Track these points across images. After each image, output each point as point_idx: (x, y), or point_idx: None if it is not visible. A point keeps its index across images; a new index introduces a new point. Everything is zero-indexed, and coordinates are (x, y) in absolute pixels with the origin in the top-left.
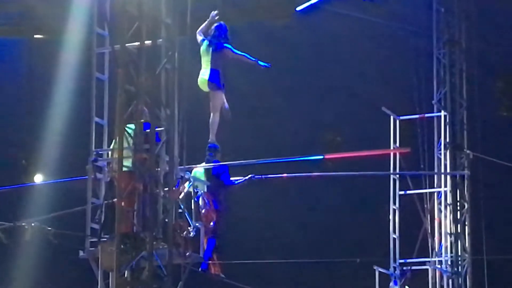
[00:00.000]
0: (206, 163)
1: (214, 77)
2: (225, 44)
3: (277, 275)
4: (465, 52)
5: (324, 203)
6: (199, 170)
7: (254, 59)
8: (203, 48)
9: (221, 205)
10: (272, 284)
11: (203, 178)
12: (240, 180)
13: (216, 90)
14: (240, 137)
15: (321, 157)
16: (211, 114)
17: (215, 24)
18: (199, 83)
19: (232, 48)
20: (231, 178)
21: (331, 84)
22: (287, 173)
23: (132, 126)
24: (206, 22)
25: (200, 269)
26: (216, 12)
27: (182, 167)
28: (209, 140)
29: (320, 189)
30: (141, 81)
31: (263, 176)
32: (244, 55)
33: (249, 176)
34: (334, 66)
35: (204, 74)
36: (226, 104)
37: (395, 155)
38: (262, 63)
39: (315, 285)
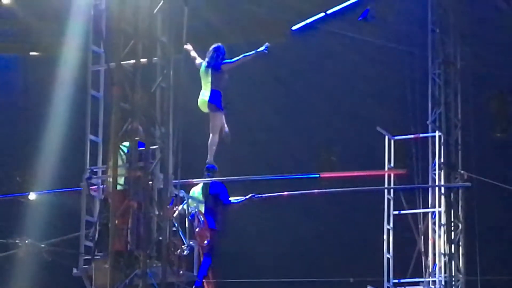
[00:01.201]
0: (203, 184)
1: (214, 98)
2: (223, 62)
3: None
4: (460, 72)
5: (318, 222)
6: (197, 190)
7: (252, 52)
8: (202, 70)
9: (219, 225)
10: None
11: (201, 198)
12: (240, 200)
13: (215, 111)
14: (236, 154)
15: (317, 176)
16: (210, 135)
17: (213, 46)
18: (199, 103)
19: (229, 60)
20: (232, 198)
21: (327, 103)
22: (284, 191)
23: (127, 144)
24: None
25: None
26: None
27: (176, 181)
28: (207, 161)
29: (314, 208)
30: (136, 99)
31: (263, 195)
32: (241, 57)
33: (250, 195)
34: (330, 85)
35: (205, 95)
36: (226, 127)
37: (389, 174)
38: (261, 49)
39: None
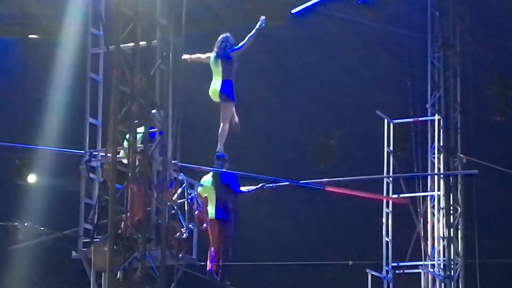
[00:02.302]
0: (214, 173)
1: (226, 89)
2: (231, 50)
3: (270, 277)
4: (459, 55)
5: (318, 206)
6: (207, 179)
7: (253, 32)
8: (211, 61)
9: (230, 214)
10: (263, 286)
11: (211, 187)
12: (251, 189)
13: (227, 101)
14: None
15: (322, 187)
16: (221, 124)
17: (221, 36)
18: (210, 93)
19: (236, 47)
20: (243, 188)
21: (326, 86)
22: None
23: (141, 129)
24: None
25: (207, 272)
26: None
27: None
28: (217, 150)
29: (313, 193)
30: (136, 82)
31: (274, 185)
32: (246, 40)
33: (261, 185)
34: (329, 68)
35: (216, 85)
36: (236, 117)
37: (388, 155)
38: (259, 24)
39: (306, 287)
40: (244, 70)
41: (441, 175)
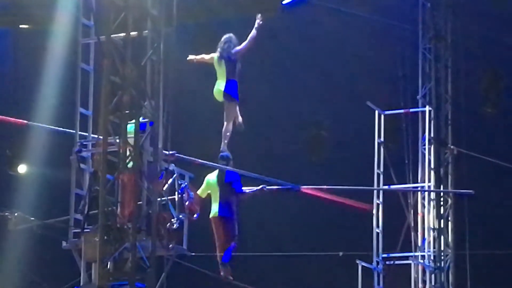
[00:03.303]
0: (219, 171)
1: (230, 88)
2: (234, 51)
3: (259, 267)
4: (451, 47)
5: (307, 197)
6: (212, 178)
7: (253, 31)
8: (215, 61)
9: (233, 212)
10: (253, 277)
11: (216, 185)
12: (253, 190)
13: (231, 101)
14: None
15: (298, 188)
16: (225, 123)
17: (224, 37)
18: (214, 93)
19: (238, 48)
20: (245, 188)
21: (317, 78)
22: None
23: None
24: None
25: (221, 262)
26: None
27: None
28: (221, 149)
29: (305, 183)
30: (127, 72)
31: (273, 188)
32: (248, 40)
33: (261, 186)
34: (320, 60)
35: (220, 85)
36: (240, 117)
37: (379, 146)
38: (257, 22)
39: (297, 278)
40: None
41: (431, 163)
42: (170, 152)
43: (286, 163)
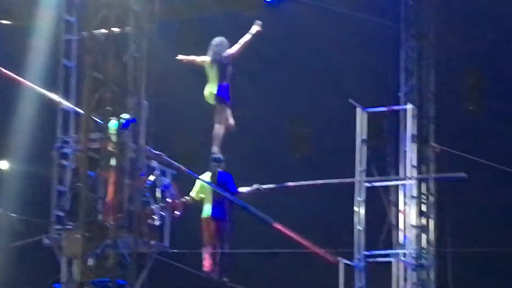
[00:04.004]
0: (211, 173)
1: (222, 91)
2: (226, 54)
3: (240, 264)
4: (434, 45)
5: (289, 194)
6: (205, 179)
7: (248, 36)
8: (207, 64)
9: (226, 213)
10: (234, 273)
11: (209, 188)
12: (248, 190)
13: (222, 104)
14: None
15: (271, 222)
16: (216, 126)
17: (215, 40)
18: (206, 96)
19: (230, 51)
20: (240, 188)
21: (300, 74)
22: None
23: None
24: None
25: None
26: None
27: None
28: (212, 152)
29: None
30: (109, 69)
31: (268, 186)
32: (241, 43)
33: (256, 186)
34: (303, 56)
35: (212, 87)
36: (231, 119)
37: (361, 144)
38: (254, 29)
39: (278, 275)
40: None
41: (413, 161)
42: (158, 153)
43: (269, 159)
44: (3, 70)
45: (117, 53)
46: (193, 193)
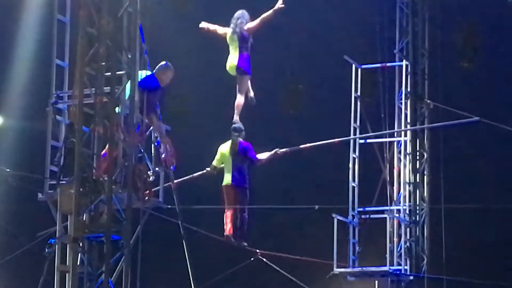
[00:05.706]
0: (232, 142)
1: (243, 62)
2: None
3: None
4: (428, 1)
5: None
6: (225, 148)
7: (270, 12)
8: (228, 36)
9: (246, 181)
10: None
11: (229, 155)
12: (267, 156)
13: (243, 75)
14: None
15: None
16: (237, 96)
17: (237, 13)
18: (227, 67)
19: (251, 24)
20: (259, 155)
21: (295, 32)
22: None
23: None
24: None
25: (225, 236)
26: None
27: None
28: (233, 121)
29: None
30: (103, 24)
31: (287, 149)
32: (262, 18)
33: (274, 150)
34: (298, 14)
35: (233, 59)
36: (252, 91)
37: (356, 100)
38: (277, 6)
39: (273, 231)
40: (214, 17)
41: (408, 118)
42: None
43: (263, 117)
44: None
45: (111, 8)
46: (215, 162)
